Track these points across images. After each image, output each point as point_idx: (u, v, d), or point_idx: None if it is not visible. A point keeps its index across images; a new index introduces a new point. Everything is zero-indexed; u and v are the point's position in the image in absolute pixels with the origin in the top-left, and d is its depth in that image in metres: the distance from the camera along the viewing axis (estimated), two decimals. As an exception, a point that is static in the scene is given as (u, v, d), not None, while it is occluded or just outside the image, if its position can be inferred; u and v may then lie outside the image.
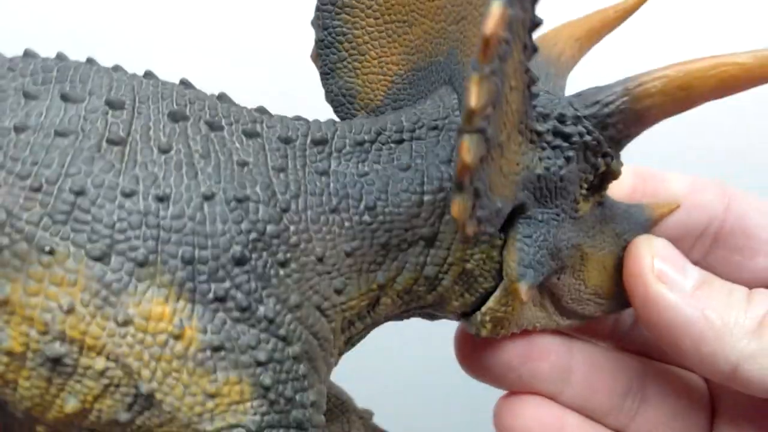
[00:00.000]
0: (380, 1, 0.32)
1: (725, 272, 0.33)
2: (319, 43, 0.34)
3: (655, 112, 0.28)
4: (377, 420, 0.39)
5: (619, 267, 0.33)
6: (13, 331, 0.24)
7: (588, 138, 0.28)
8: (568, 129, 0.28)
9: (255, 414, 0.25)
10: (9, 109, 0.26)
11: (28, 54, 0.28)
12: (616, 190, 0.33)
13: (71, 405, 0.25)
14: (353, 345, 0.31)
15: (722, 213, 0.33)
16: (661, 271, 0.31)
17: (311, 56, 0.35)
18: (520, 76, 0.24)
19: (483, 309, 0.30)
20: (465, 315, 0.32)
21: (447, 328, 0.35)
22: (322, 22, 0.34)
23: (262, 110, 0.29)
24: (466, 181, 0.23)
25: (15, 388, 0.25)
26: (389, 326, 0.33)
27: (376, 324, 0.30)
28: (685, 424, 0.34)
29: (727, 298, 0.30)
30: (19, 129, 0.25)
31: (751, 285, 0.32)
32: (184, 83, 0.29)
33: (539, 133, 0.28)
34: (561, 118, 0.28)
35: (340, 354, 0.30)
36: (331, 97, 0.35)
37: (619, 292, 0.34)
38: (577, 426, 0.34)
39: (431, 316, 0.33)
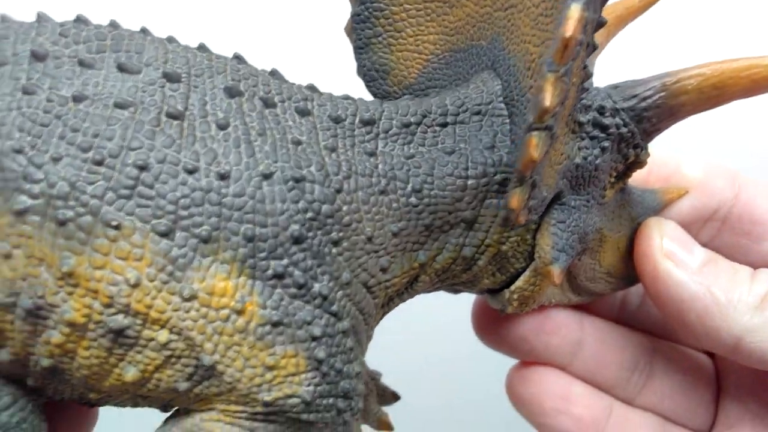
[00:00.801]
0: None
1: (733, 255, 0.34)
2: (355, 17, 0.34)
3: (688, 108, 0.30)
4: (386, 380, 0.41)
5: (630, 248, 0.35)
6: (76, 302, 0.25)
7: (624, 130, 0.30)
8: (607, 120, 0.29)
9: (309, 385, 0.26)
10: (65, 77, 0.26)
11: (80, 20, 0.27)
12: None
13: (131, 374, 0.26)
14: None
15: (732, 198, 0.35)
16: (670, 251, 0.33)
17: (345, 29, 0.35)
18: (579, 73, 0.25)
19: (512, 288, 0.32)
20: (491, 291, 0.33)
21: (462, 297, 0.36)
22: None
23: (312, 88, 0.29)
24: (528, 175, 0.24)
25: (73, 357, 0.26)
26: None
27: (409, 298, 0.32)
28: (691, 399, 0.36)
29: (731, 276, 0.32)
30: (77, 98, 0.25)
31: (757, 267, 0.33)
32: (237, 57, 0.29)
33: (581, 124, 0.29)
34: (601, 110, 0.29)
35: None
36: (364, 72, 0.35)
37: (628, 271, 0.36)
38: (582, 395, 0.36)
39: (456, 291, 0.34)
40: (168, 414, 0.29)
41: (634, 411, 0.37)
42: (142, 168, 0.25)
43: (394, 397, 0.43)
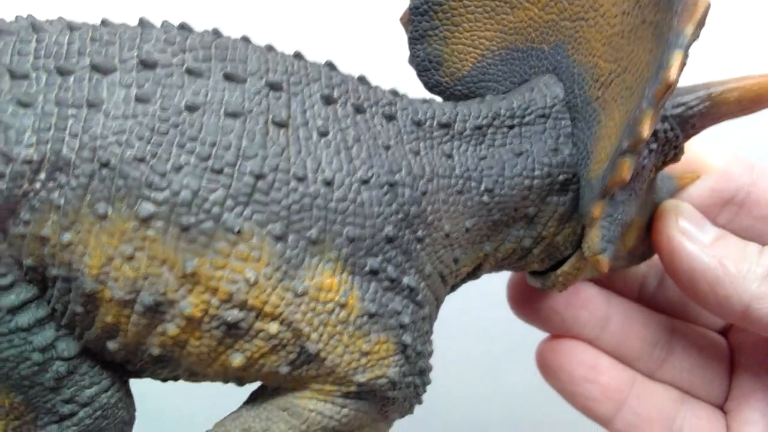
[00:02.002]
0: None
1: (750, 237, 0.37)
2: (414, 10, 0.35)
3: (727, 115, 0.33)
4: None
5: (648, 228, 0.39)
6: (195, 299, 0.27)
7: (671, 135, 0.33)
8: (657, 126, 0.32)
9: (396, 366, 0.29)
10: (175, 86, 0.27)
11: (183, 27, 0.28)
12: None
13: (238, 360, 0.28)
14: None
15: (749, 185, 0.38)
16: (685, 228, 0.36)
17: (401, 19, 0.36)
18: None
19: (558, 272, 0.35)
20: (533, 272, 0.36)
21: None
22: None
23: (395, 92, 0.31)
24: (612, 191, 0.27)
25: (184, 346, 0.28)
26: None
27: (469, 281, 0.35)
28: (707, 373, 0.40)
29: (741, 250, 0.35)
30: (190, 108, 0.26)
31: None
32: (329, 65, 0.30)
33: None
34: None
35: None
36: (417, 62, 0.37)
37: (643, 249, 0.39)
38: (609, 366, 0.39)
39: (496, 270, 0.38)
40: (254, 388, 0.32)
41: (654, 383, 0.40)
42: (258, 177, 0.26)
43: None
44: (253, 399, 0.31)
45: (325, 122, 0.28)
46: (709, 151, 0.39)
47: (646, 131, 0.26)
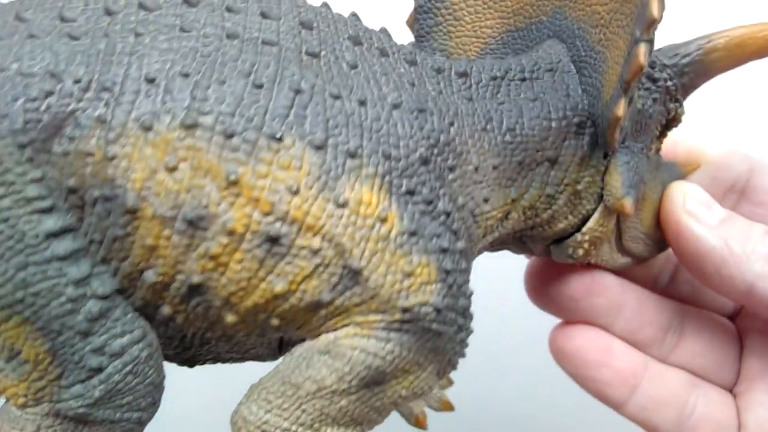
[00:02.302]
0: None
1: None
2: (418, 9, 0.39)
3: (718, 65, 0.36)
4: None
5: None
6: (237, 212, 0.26)
7: (670, 84, 0.35)
8: (657, 74, 0.35)
9: (439, 294, 0.29)
10: (217, 19, 0.29)
11: None
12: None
13: (280, 287, 0.27)
14: None
15: (747, 172, 0.40)
16: (692, 208, 0.37)
17: (407, 21, 0.40)
18: None
19: (584, 230, 0.35)
20: (558, 242, 0.37)
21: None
22: None
23: (414, 45, 0.34)
24: (634, 83, 0.28)
25: (224, 271, 0.27)
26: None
27: (493, 244, 0.35)
28: (718, 356, 0.40)
29: (746, 231, 0.36)
30: (230, 36, 0.28)
31: None
32: (354, 15, 0.33)
33: None
34: (651, 65, 0.35)
35: None
36: None
37: (659, 235, 0.40)
38: (623, 350, 0.39)
39: (521, 246, 0.38)
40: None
41: (667, 368, 0.40)
42: (297, 91, 0.28)
43: (449, 382, 0.45)
44: (290, 353, 0.30)
45: (353, 58, 0.30)
46: (707, 144, 0.41)
47: (655, 11, 0.28)
